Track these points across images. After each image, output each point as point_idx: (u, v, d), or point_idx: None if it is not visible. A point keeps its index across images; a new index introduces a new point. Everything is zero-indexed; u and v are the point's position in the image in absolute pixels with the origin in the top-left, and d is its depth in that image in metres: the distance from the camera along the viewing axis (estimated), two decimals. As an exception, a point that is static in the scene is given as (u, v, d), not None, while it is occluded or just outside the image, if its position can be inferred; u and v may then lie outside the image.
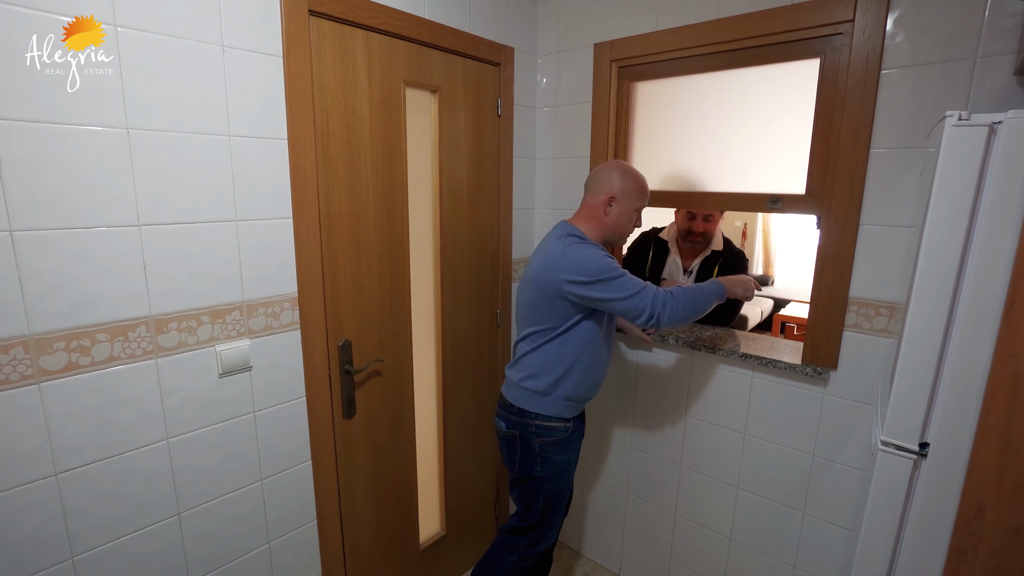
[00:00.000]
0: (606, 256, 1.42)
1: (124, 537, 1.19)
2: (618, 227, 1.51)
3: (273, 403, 1.42)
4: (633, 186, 1.49)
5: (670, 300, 1.39)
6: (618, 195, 1.48)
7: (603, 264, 1.39)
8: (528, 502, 1.60)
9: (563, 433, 1.54)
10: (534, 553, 1.63)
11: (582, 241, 1.45)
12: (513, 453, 1.58)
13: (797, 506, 1.67)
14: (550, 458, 1.55)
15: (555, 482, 1.57)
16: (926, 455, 0.95)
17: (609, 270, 1.38)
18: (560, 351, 1.49)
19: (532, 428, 1.53)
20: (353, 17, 1.43)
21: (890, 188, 1.38)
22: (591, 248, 1.42)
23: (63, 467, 1.09)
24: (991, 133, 0.83)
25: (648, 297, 1.38)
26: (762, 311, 4.74)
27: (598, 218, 1.51)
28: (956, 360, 0.90)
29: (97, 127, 1.05)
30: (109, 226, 1.08)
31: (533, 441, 1.54)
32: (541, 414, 1.52)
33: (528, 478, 1.57)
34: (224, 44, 1.20)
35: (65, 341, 1.06)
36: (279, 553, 1.50)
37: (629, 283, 1.39)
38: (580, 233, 1.48)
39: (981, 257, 0.86)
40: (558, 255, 1.43)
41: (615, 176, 1.50)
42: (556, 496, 1.59)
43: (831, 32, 1.43)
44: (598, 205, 1.50)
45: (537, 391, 1.51)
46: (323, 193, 1.45)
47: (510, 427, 1.57)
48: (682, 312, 1.40)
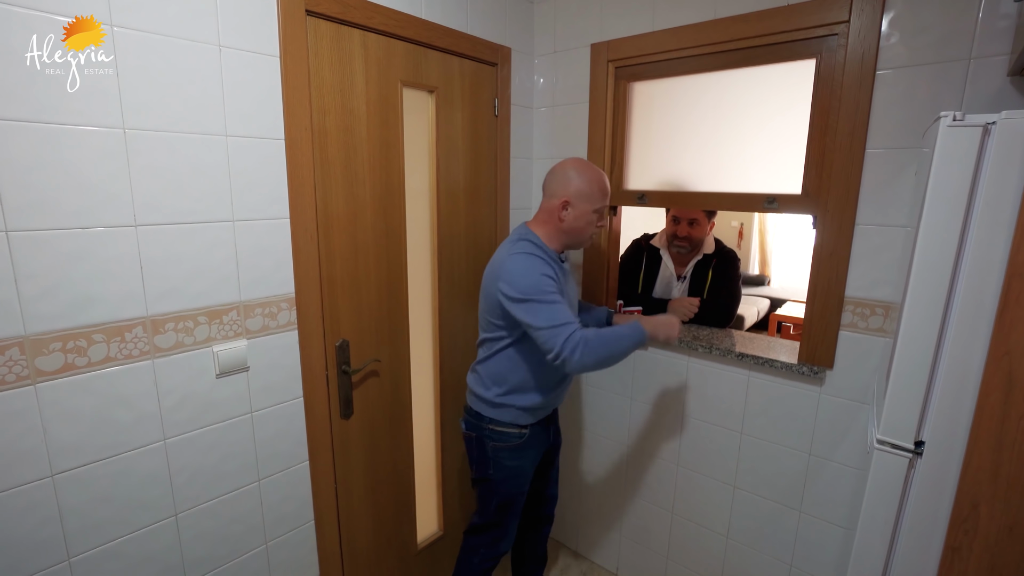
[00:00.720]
0: (546, 276, 1.34)
1: (121, 538, 1.19)
2: (575, 231, 1.45)
3: (270, 403, 1.42)
4: (589, 187, 1.42)
5: (583, 346, 1.28)
6: (573, 199, 1.42)
7: (537, 284, 1.32)
8: (484, 501, 1.62)
9: (517, 439, 1.54)
10: (496, 553, 1.66)
11: (530, 251, 1.38)
12: (471, 453, 1.61)
13: (794, 505, 1.67)
14: (502, 463, 1.55)
15: (508, 486, 1.57)
16: (921, 453, 0.96)
17: (539, 292, 1.31)
18: (509, 364, 1.47)
19: (486, 432, 1.54)
20: (350, 17, 1.43)
21: (885, 188, 1.39)
22: (533, 262, 1.35)
23: (59, 468, 1.09)
24: (985, 133, 0.84)
25: (561, 337, 1.28)
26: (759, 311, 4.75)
27: (553, 223, 1.45)
28: (951, 359, 0.91)
29: (94, 127, 1.04)
30: (106, 226, 1.08)
31: (487, 445, 1.55)
32: (494, 419, 1.53)
33: (483, 479, 1.59)
34: (221, 44, 1.20)
35: (61, 342, 1.05)
36: (276, 554, 1.50)
37: (552, 314, 1.30)
38: (535, 239, 1.43)
39: (975, 256, 0.87)
40: (499, 263, 1.40)
41: (570, 178, 1.43)
42: (509, 499, 1.59)
43: (827, 33, 1.43)
44: (553, 209, 1.44)
45: (489, 401, 1.52)
46: (320, 193, 1.45)
47: (468, 428, 1.60)
48: (592, 360, 1.30)
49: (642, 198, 1.89)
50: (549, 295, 1.32)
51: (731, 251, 2.17)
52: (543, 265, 1.37)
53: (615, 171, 1.94)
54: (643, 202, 1.89)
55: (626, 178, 1.94)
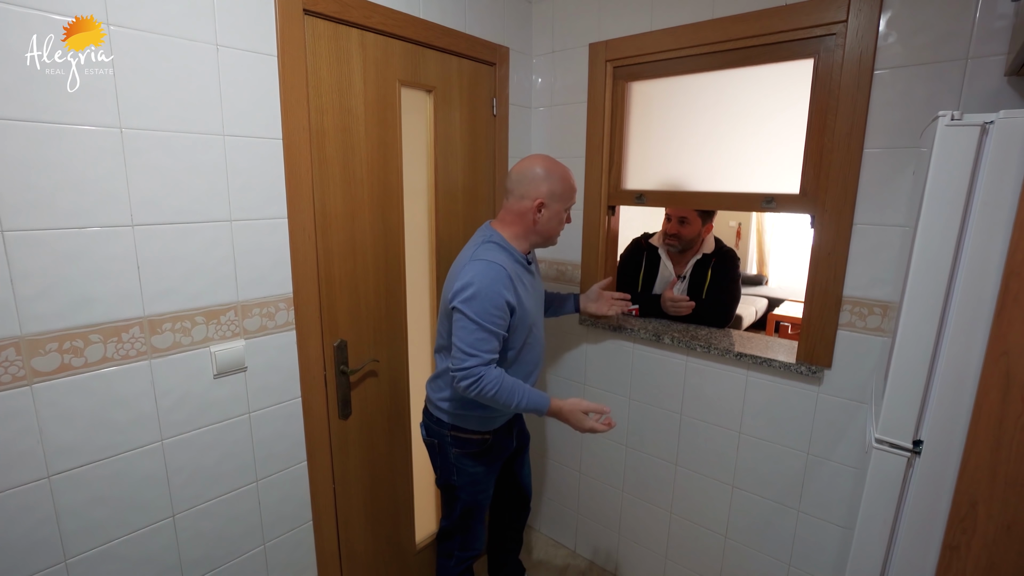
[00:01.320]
0: (498, 309, 1.30)
1: (118, 539, 1.19)
2: (548, 231, 1.44)
3: (268, 404, 1.41)
4: (561, 186, 1.42)
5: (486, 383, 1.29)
6: (547, 199, 1.40)
7: (487, 311, 1.28)
8: (449, 506, 1.61)
9: (479, 446, 1.52)
10: (470, 554, 1.65)
11: (495, 259, 1.34)
12: (434, 459, 1.59)
13: (792, 504, 1.68)
14: (465, 470, 1.54)
15: (471, 492, 1.56)
16: (920, 452, 0.96)
17: (484, 318, 1.28)
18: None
19: (448, 439, 1.52)
20: (348, 16, 1.43)
21: (883, 188, 1.39)
22: (496, 287, 1.30)
23: (56, 469, 1.08)
24: (983, 133, 0.84)
25: (473, 363, 1.29)
26: (757, 310, 4.76)
27: (525, 224, 1.42)
28: (949, 358, 0.91)
29: (91, 127, 1.04)
30: (102, 226, 1.08)
31: (449, 451, 1.53)
32: (457, 426, 1.51)
33: (446, 485, 1.58)
34: (218, 43, 1.19)
35: (58, 342, 1.05)
36: (275, 554, 1.49)
37: (480, 340, 1.29)
38: (501, 240, 1.40)
39: (973, 256, 0.87)
40: (460, 267, 1.36)
41: (541, 178, 1.40)
42: (473, 504, 1.58)
43: (824, 33, 1.43)
44: (525, 211, 1.40)
45: (448, 410, 1.49)
46: (318, 193, 1.44)
47: (430, 435, 1.57)
48: (484, 399, 1.32)
49: (640, 198, 1.89)
50: (488, 319, 1.30)
51: (731, 251, 2.17)
52: (504, 289, 1.32)
53: (613, 171, 1.94)
54: (641, 202, 1.89)
55: (624, 178, 1.94)
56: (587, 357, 2.10)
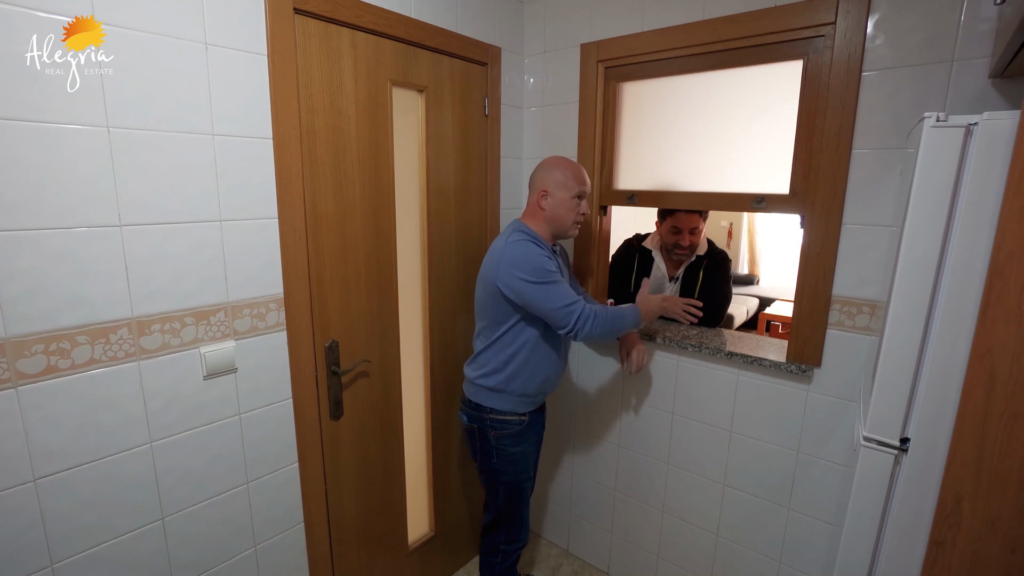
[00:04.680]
0: (544, 257, 1.45)
1: (106, 543, 1.17)
2: (558, 218, 1.55)
3: (259, 405, 1.40)
4: (564, 175, 1.53)
5: (592, 319, 1.44)
6: (550, 187, 1.53)
7: (539, 266, 1.43)
8: (492, 493, 1.70)
9: (518, 426, 1.61)
10: (516, 546, 1.72)
11: (525, 239, 1.48)
12: (474, 445, 1.68)
13: (782, 502, 1.69)
14: (505, 450, 1.62)
15: (511, 473, 1.64)
16: (907, 450, 0.97)
17: (544, 274, 1.43)
18: (509, 349, 1.55)
19: (488, 422, 1.61)
20: (339, 16, 1.42)
21: (871, 188, 1.40)
22: (530, 248, 1.46)
23: (42, 472, 1.07)
24: (967, 134, 0.85)
25: (575, 313, 1.42)
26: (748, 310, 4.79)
27: (537, 213, 1.56)
28: (935, 356, 0.92)
29: (77, 125, 1.03)
30: (90, 226, 1.07)
31: (489, 434, 1.61)
32: (496, 409, 1.59)
33: (487, 469, 1.66)
34: (207, 42, 1.18)
35: (44, 344, 1.04)
36: (266, 557, 1.48)
37: (559, 293, 1.43)
38: (527, 229, 1.53)
39: (959, 255, 0.88)
40: (500, 251, 1.48)
41: (545, 169, 1.56)
42: (515, 487, 1.66)
43: (813, 34, 1.45)
44: (534, 202, 1.56)
45: (490, 388, 1.58)
46: (309, 193, 1.44)
47: (470, 420, 1.66)
48: (599, 333, 1.45)
49: (632, 198, 1.90)
50: (553, 275, 1.44)
51: (722, 252, 2.19)
52: (540, 249, 1.47)
53: (605, 171, 1.94)
54: (632, 202, 1.90)
55: (616, 178, 1.95)
56: (578, 357, 2.11)
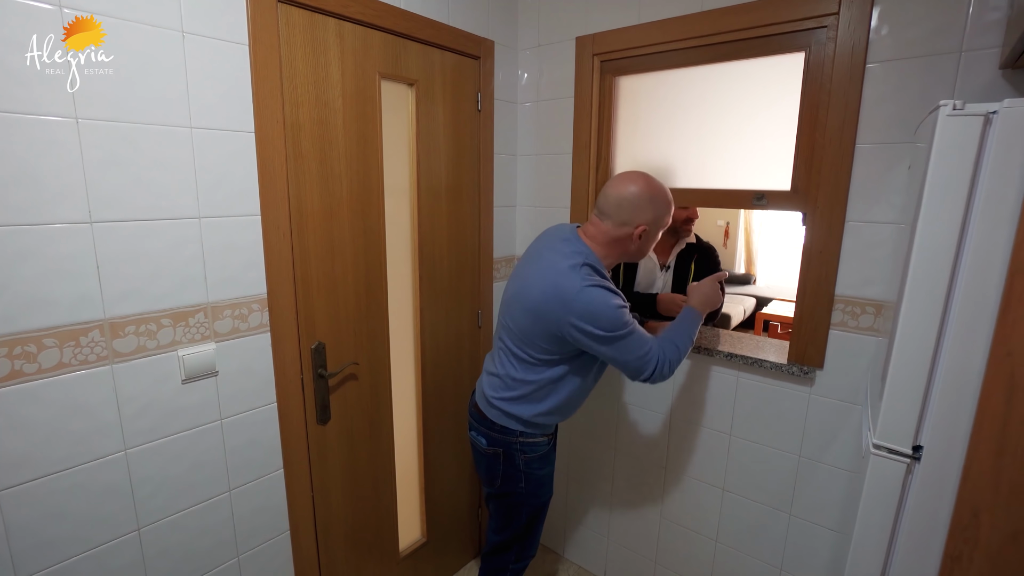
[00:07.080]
0: (620, 302, 1.29)
1: (77, 556, 1.12)
2: (641, 252, 1.42)
3: (241, 410, 1.35)
4: (665, 210, 1.37)
5: (669, 350, 1.35)
6: (650, 226, 1.36)
7: (617, 318, 1.27)
8: (510, 516, 1.55)
9: (546, 447, 1.51)
10: (525, 564, 1.63)
11: (598, 284, 1.28)
12: (494, 469, 1.50)
13: (783, 507, 1.64)
14: (534, 473, 1.49)
15: (540, 495, 1.53)
16: (919, 459, 0.92)
17: (622, 325, 1.28)
18: (552, 385, 1.41)
19: (516, 446, 1.46)
20: (324, 5, 1.37)
21: (876, 184, 1.36)
22: (607, 297, 1.27)
23: (5, 483, 1.01)
24: (987, 123, 0.80)
25: (652, 360, 1.32)
26: (744, 309, 4.76)
27: (622, 246, 1.37)
28: (950, 360, 0.87)
29: (41, 116, 0.97)
30: (56, 223, 1.01)
31: (518, 458, 1.47)
32: (526, 432, 1.45)
33: (510, 494, 1.51)
34: (184, 30, 1.13)
35: (7, 347, 0.98)
36: (249, 567, 1.43)
37: (637, 343, 1.30)
38: (595, 261, 1.34)
39: (976, 252, 0.83)
40: (570, 294, 1.26)
41: (646, 203, 1.34)
42: (539, 507, 1.56)
43: (816, 25, 1.40)
44: (625, 238, 1.35)
45: (522, 417, 1.43)
46: (293, 189, 1.38)
47: (492, 444, 1.48)
48: (678, 356, 1.37)
49: (629, 195, 1.85)
50: (629, 324, 1.30)
51: (709, 245, 2.16)
52: (615, 296, 1.29)
53: (601, 167, 1.89)
54: (630, 199, 1.85)
55: (612, 174, 1.90)
56: (575, 358, 2.06)
